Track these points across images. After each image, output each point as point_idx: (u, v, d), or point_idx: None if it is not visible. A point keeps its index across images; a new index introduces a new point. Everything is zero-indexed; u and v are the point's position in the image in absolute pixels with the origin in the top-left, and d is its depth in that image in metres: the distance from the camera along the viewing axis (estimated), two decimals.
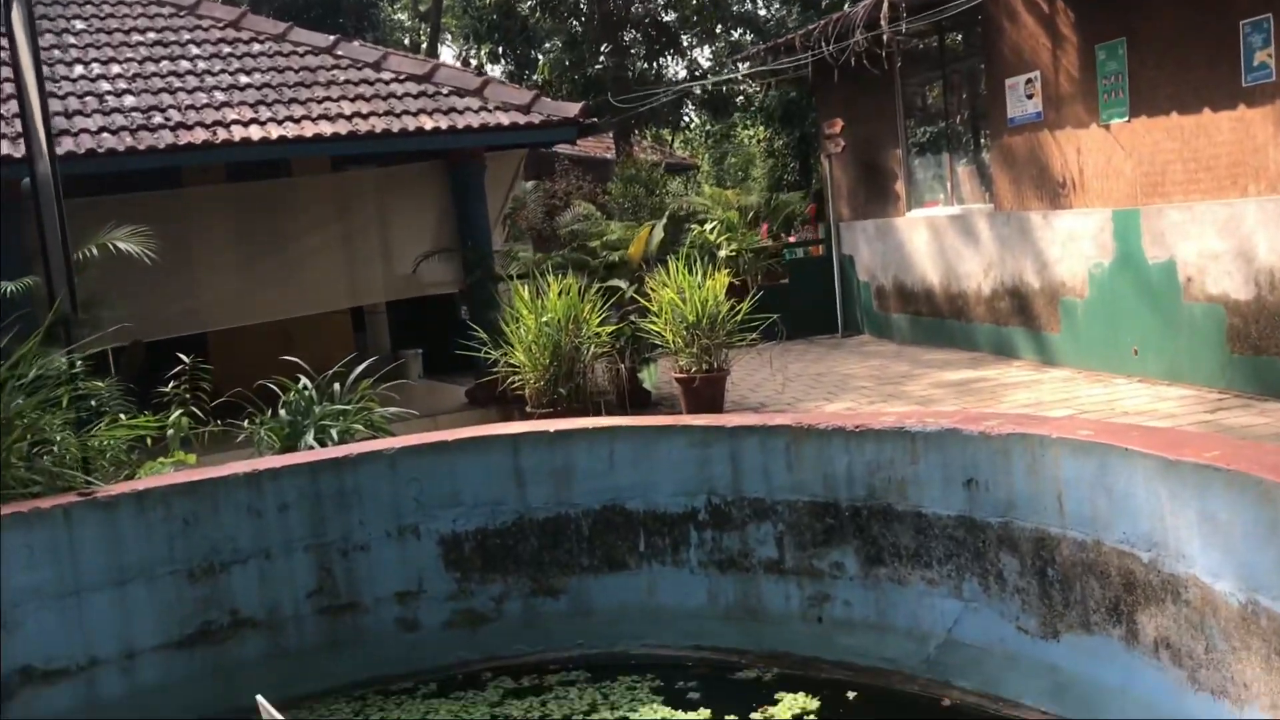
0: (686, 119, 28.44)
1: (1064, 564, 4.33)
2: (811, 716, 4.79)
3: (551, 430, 5.61)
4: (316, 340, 12.90)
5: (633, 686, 5.27)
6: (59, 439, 5.91)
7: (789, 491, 5.22)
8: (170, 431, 6.43)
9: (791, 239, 17.97)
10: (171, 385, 6.92)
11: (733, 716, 4.84)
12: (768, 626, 5.34)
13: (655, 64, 25.43)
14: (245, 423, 7.09)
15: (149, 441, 6.48)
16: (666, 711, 4.97)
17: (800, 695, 4.98)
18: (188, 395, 6.78)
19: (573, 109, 11.91)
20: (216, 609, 5.28)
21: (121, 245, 9.28)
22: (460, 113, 11.49)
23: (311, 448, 7.03)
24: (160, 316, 11.27)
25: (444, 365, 13.97)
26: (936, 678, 4.87)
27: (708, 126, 31.01)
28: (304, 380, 7.80)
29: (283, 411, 7.61)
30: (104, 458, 6.21)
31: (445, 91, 11.83)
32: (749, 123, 28.31)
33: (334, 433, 7.34)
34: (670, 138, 32.02)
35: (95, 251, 9.31)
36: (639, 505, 5.55)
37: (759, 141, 25.49)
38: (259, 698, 3.56)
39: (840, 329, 15.24)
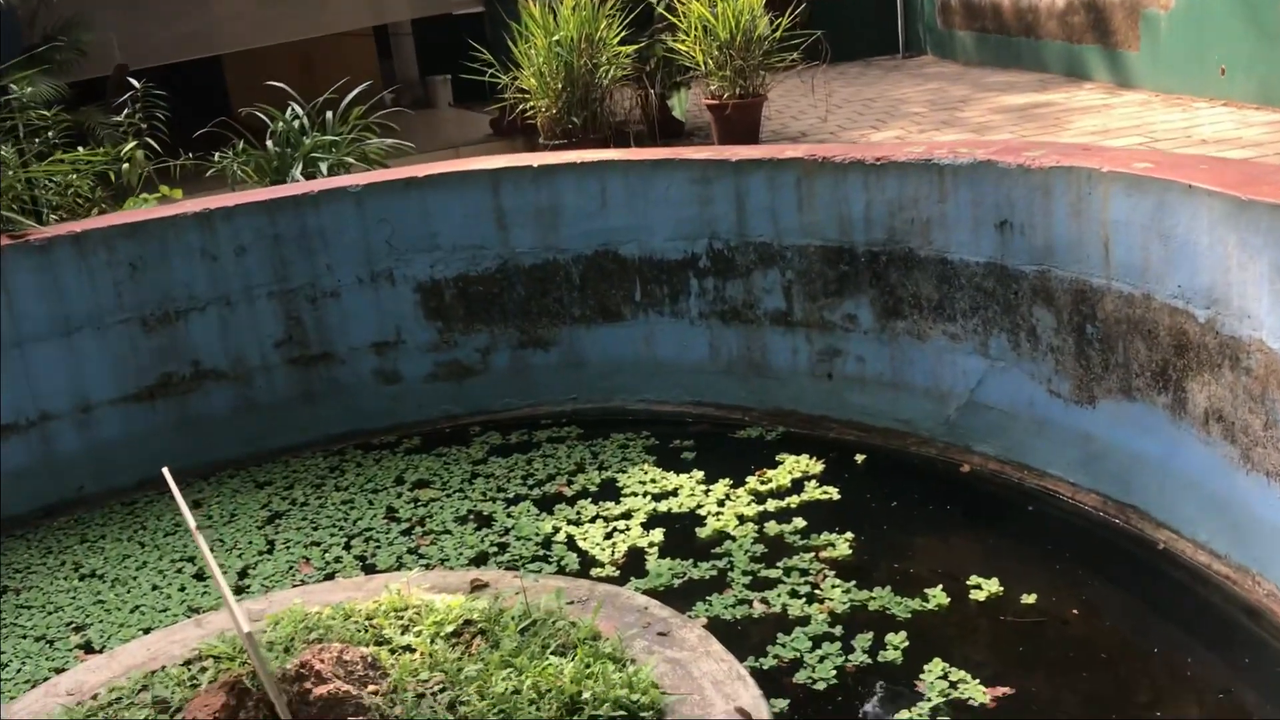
0: None
1: (1106, 321, 3.72)
2: (814, 482, 4.35)
3: (535, 165, 4.97)
4: (339, 66, 12.12)
5: (625, 444, 4.86)
6: (11, 173, 5.43)
7: (799, 235, 4.59)
8: (125, 166, 5.89)
9: None
10: (125, 114, 6.32)
11: (726, 480, 4.42)
12: (773, 383, 4.84)
13: None
14: (216, 156, 6.52)
15: (111, 177, 5.96)
16: (657, 473, 4.56)
17: (803, 457, 4.52)
18: (143, 125, 6.18)
19: None
20: (176, 360, 4.89)
21: None
22: None
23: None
24: (154, 40, 10.54)
25: (477, 92, 13.19)
26: (955, 441, 4.38)
27: None
28: (293, 108, 7.17)
29: (270, 143, 7.03)
30: (63, 195, 5.73)
31: None
32: None
33: (323, 167, 6.78)
34: None
35: None
36: (634, 250, 4.96)
37: None
38: (164, 470, 3.16)
39: (901, 49, 14.06)
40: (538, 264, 5.07)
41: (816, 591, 3.64)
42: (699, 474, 4.50)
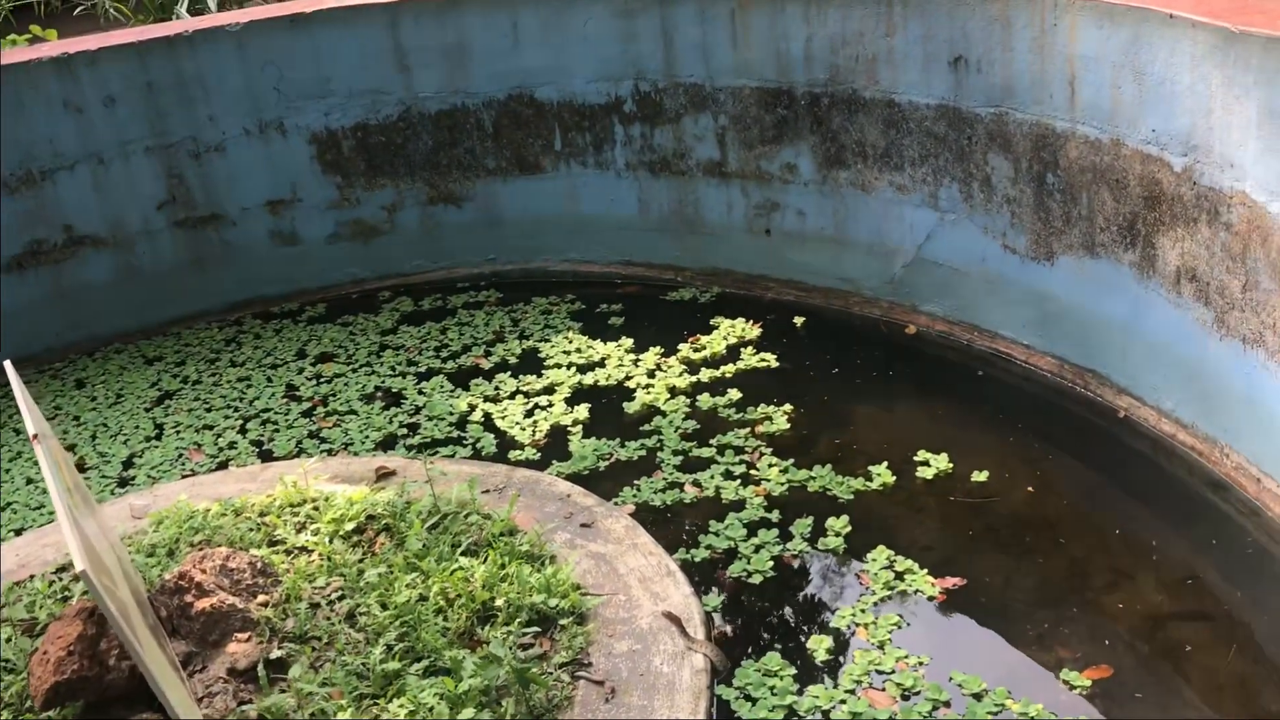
0: None
1: (1069, 169, 3.36)
2: (750, 348, 4.02)
3: None
4: None
5: (548, 309, 4.49)
6: None
7: (733, 74, 4.15)
8: None
9: None
10: None
11: (657, 348, 4.09)
12: (707, 239, 4.46)
13: None
14: None
15: None
16: (583, 341, 4.21)
17: (739, 321, 4.19)
18: None
19: None
20: (45, 225, 4.40)
21: None
22: None
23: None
24: None
25: None
26: (901, 301, 4.06)
27: None
28: None
29: None
30: None
31: None
32: None
33: (211, 2, 6.14)
34: None
35: None
36: (551, 93, 4.49)
37: None
38: (6, 363, 2.76)
39: None
40: (445, 110, 4.57)
41: (752, 472, 3.35)
42: (628, 341, 4.16)
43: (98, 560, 2.24)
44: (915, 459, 3.32)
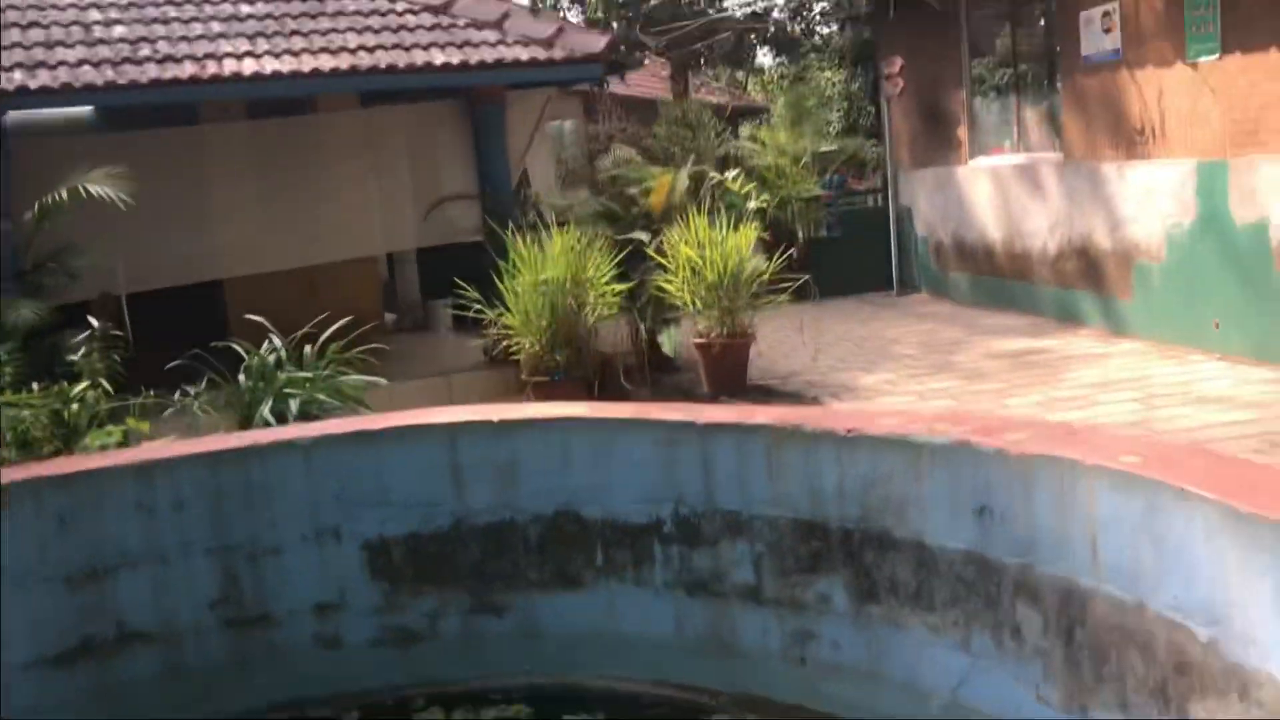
0: (758, 60, 27.11)
1: (1097, 626, 3.37)
2: None
3: (495, 420, 4.74)
4: (344, 287, 12.20)
5: None
6: None
7: (769, 505, 4.31)
8: (75, 408, 5.68)
9: (857, 185, 16.92)
10: (81, 353, 6.18)
11: None
12: (742, 664, 4.45)
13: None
14: (177, 395, 6.33)
15: (66, 414, 5.74)
16: None
17: None
18: (99, 364, 6.02)
19: (598, 44, 10.86)
20: (100, 620, 4.54)
21: (93, 189, 8.56)
22: (475, 46, 10.56)
23: (268, 423, 6.30)
24: (156, 263, 10.54)
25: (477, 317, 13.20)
26: None
27: (782, 68, 29.45)
28: (272, 339, 7.06)
29: (242, 377, 6.88)
30: (14, 431, 5.51)
31: (462, 24, 10.88)
32: (823, 65, 26.79)
33: (294, 404, 6.60)
34: (744, 80, 30.98)
35: (65, 196, 8.61)
36: (596, 512, 4.67)
37: (834, 85, 24.61)
38: None
39: (895, 286, 14.14)
40: (494, 523, 4.75)
41: None
42: None
43: None
44: None
